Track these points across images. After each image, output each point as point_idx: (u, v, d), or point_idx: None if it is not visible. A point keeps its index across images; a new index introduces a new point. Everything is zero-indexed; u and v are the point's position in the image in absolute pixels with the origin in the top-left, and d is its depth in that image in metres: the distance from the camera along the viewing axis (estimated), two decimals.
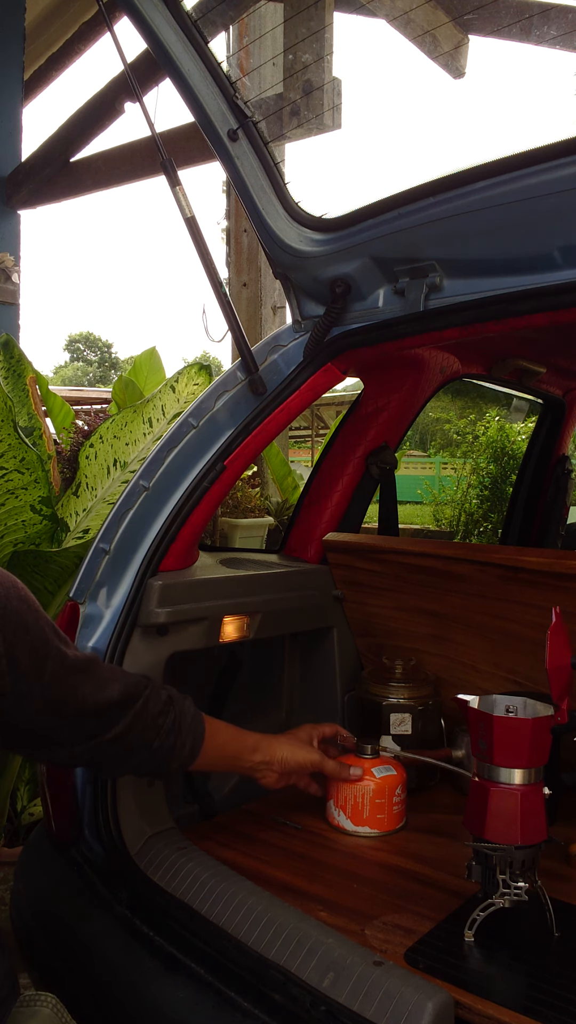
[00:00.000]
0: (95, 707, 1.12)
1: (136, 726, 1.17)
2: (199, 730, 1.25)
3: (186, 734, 1.23)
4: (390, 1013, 0.97)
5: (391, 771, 1.50)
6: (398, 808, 1.51)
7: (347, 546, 1.82)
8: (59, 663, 1.07)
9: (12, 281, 4.98)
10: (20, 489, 2.20)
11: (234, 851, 1.43)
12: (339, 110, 3.84)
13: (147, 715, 1.18)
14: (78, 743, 1.13)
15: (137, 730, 1.17)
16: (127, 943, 1.19)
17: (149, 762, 1.22)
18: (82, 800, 1.38)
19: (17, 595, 1.03)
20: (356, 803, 1.48)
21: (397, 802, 1.51)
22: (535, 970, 1.09)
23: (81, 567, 1.48)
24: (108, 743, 1.14)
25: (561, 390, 2.53)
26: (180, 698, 1.25)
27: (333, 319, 1.52)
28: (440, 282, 1.40)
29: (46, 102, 6.04)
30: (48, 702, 1.06)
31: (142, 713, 1.17)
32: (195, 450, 1.52)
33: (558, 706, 1.15)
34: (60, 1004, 1.03)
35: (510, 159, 1.20)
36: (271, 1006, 1.03)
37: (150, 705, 1.18)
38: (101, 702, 1.12)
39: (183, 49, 1.41)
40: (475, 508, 8.29)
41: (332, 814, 1.53)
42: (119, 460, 2.54)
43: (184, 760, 1.24)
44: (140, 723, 1.17)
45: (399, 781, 1.51)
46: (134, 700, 1.16)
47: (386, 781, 1.49)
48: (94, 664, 1.14)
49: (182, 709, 1.24)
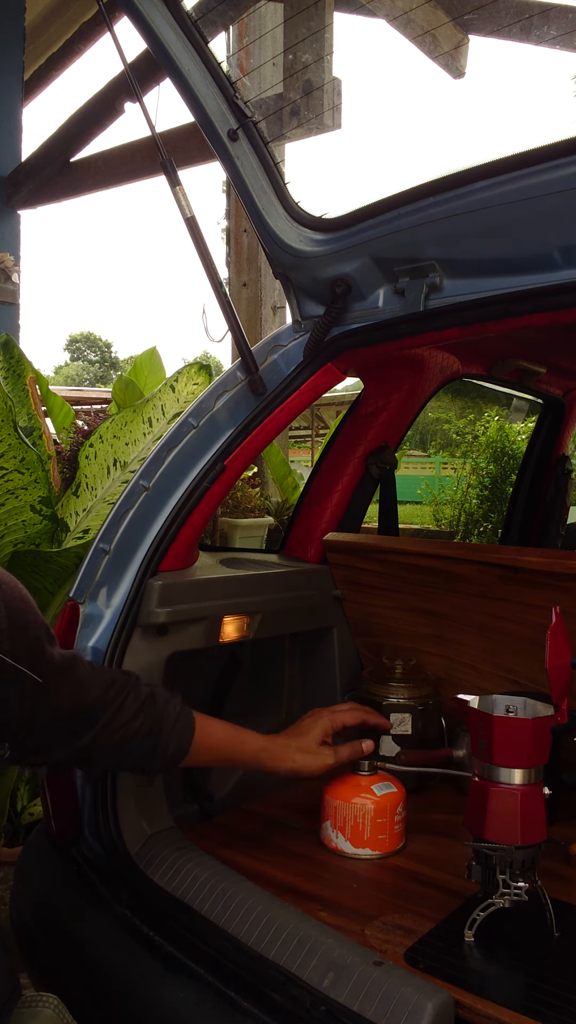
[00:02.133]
0: (69, 711, 1.11)
1: (108, 730, 1.15)
2: (186, 732, 1.23)
3: (168, 736, 1.21)
4: (390, 1013, 0.97)
5: (391, 788, 1.43)
6: (399, 827, 1.43)
7: (347, 546, 1.82)
8: (50, 664, 1.07)
9: (12, 281, 4.98)
10: (20, 489, 2.20)
11: (234, 851, 1.43)
12: (339, 110, 3.84)
13: (122, 717, 1.16)
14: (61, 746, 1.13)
15: (110, 732, 1.16)
16: (127, 943, 1.19)
17: (129, 762, 1.21)
18: (82, 800, 1.38)
19: (20, 595, 1.03)
20: (356, 824, 1.40)
21: (398, 820, 1.43)
22: (535, 970, 1.09)
23: (81, 567, 1.48)
24: (85, 747, 1.14)
25: (561, 390, 2.53)
26: (165, 699, 1.23)
27: (333, 319, 1.52)
28: (440, 282, 1.40)
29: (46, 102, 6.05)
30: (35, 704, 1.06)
31: (117, 716, 1.16)
32: (195, 450, 1.52)
33: (558, 706, 1.15)
34: (62, 1005, 1.03)
35: (510, 159, 1.20)
36: (271, 1006, 1.02)
37: (126, 706, 1.17)
38: (77, 706, 1.12)
39: (183, 49, 1.41)
40: (475, 508, 8.29)
41: (329, 836, 1.43)
42: (119, 460, 2.54)
43: (168, 761, 1.23)
44: (113, 726, 1.16)
45: (400, 798, 1.44)
46: (108, 704, 1.15)
47: (387, 799, 1.42)
48: (74, 665, 1.13)
49: (164, 711, 1.22)
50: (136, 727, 1.18)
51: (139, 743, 1.19)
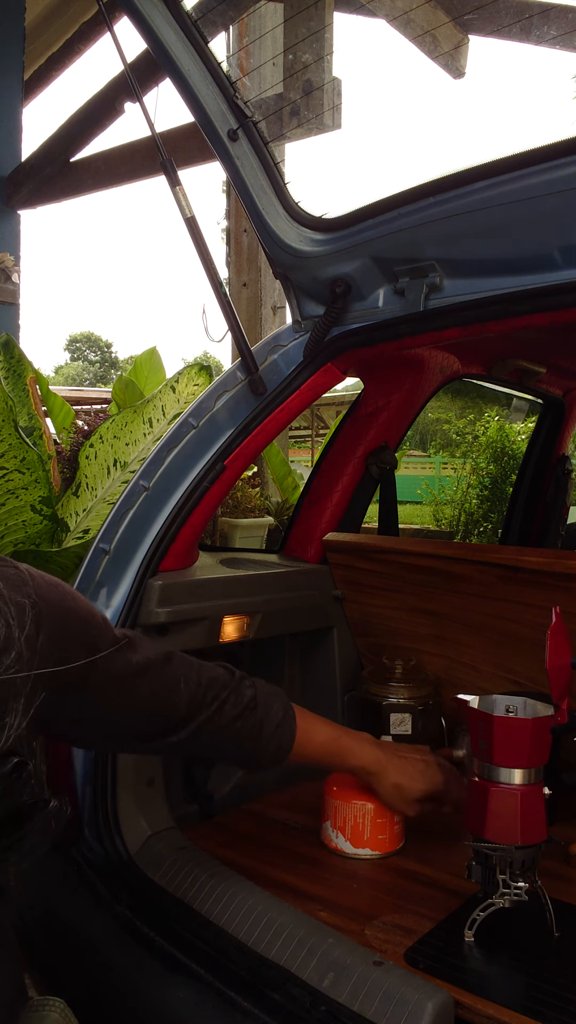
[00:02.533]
0: (153, 710, 1.10)
1: (205, 729, 1.14)
2: (286, 738, 1.21)
3: (267, 741, 1.20)
4: (390, 1013, 0.97)
5: None
6: (399, 827, 1.43)
7: (347, 546, 1.82)
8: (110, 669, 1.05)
9: (12, 281, 4.98)
10: (20, 489, 2.20)
11: (234, 851, 1.43)
12: (339, 110, 3.85)
13: (220, 719, 1.15)
14: (145, 741, 1.14)
15: (208, 733, 1.15)
16: (127, 943, 1.19)
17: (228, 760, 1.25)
18: (82, 800, 1.38)
19: (61, 610, 1.01)
20: (356, 824, 1.40)
21: (398, 820, 1.42)
22: (535, 970, 1.09)
23: (81, 567, 1.48)
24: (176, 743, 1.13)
25: (561, 390, 2.53)
26: (267, 702, 1.21)
27: (333, 319, 1.52)
28: (440, 282, 1.40)
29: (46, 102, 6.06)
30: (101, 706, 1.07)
31: (215, 718, 1.15)
32: (195, 450, 1.52)
33: (558, 706, 1.15)
34: (68, 1009, 1.02)
35: (510, 159, 1.20)
36: (271, 1006, 1.02)
37: (226, 709, 1.16)
38: (161, 706, 1.11)
39: (183, 49, 1.41)
40: (475, 508, 8.29)
41: (329, 836, 1.44)
42: (119, 460, 2.54)
43: (266, 765, 1.23)
44: (210, 727, 1.14)
45: None
46: (204, 705, 1.14)
47: None
48: (160, 665, 1.11)
49: (266, 715, 1.19)
50: (234, 730, 1.17)
51: (236, 746, 1.18)
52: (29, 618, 0.92)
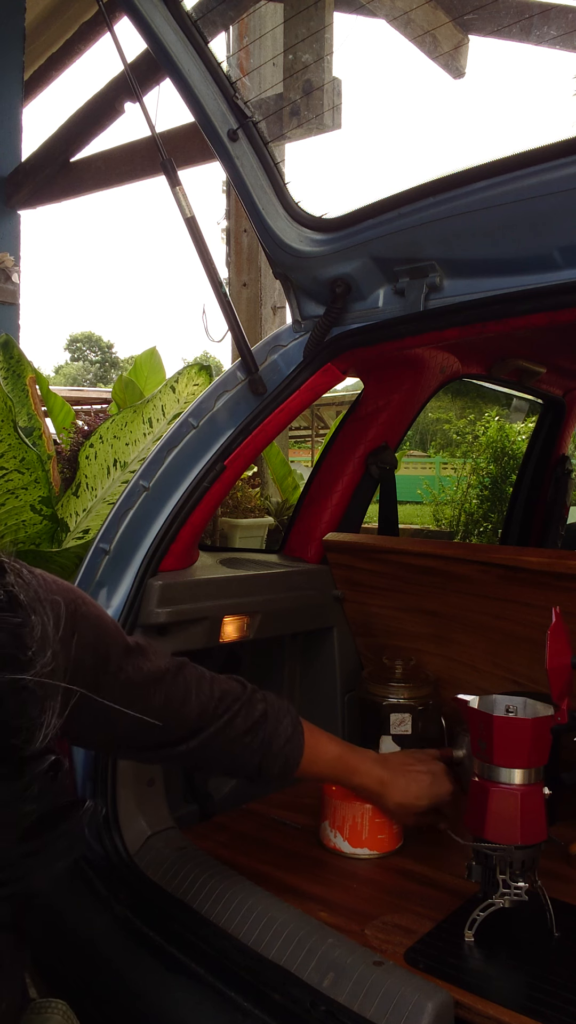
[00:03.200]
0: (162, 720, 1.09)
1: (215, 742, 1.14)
2: (294, 754, 1.21)
3: (275, 757, 1.20)
4: (390, 1013, 0.97)
5: None
6: (398, 827, 1.43)
7: (347, 546, 1.82)
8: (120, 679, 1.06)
9: (12, 281, 4.98)
10: (20, 489, 2.20)
11: (234, 851, 1.43)
12: (339, 110, 3.84)
13: (230, 732, 1.15)
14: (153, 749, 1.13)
15: (216, 745, 1.15)
16: (127, 943, 1.19)
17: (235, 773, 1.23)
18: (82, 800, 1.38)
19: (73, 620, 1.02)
20: (355, 824, 1.41)
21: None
22: (535, 970, 1.09)
23: (81, 567, 1.48)
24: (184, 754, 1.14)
25: (561, 390, 2.54)
26: (278, 718, 1.21)
27: (333, 319, 1.52)
28: (440, 282, 1.40)
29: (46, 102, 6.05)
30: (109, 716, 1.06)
31: (225, 730, 1.15)
32: (195, 450, 1.52)
33: (558, 706, 1.15)
34: (70, 1011, 1.02)
35: (510, 159, 1.21)
36: (271, 1006, 1.02)
37: (236, 722, 1.16)
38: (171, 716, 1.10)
39: (183, 49, 1.41)
40: (475, 508, 8.29)
41: (328, 836, 1.44)
42: (119, 460, 2.54)
43: (273, 780, 1.22)
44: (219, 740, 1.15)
45: None
46: (214, 717, 1.14)
47: None
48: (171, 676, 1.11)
49: (275, 731, 1.19)
50: (243, 745, 1.17)
51: (244, 761, 1.18)
52: (64, 617, 0.92)
